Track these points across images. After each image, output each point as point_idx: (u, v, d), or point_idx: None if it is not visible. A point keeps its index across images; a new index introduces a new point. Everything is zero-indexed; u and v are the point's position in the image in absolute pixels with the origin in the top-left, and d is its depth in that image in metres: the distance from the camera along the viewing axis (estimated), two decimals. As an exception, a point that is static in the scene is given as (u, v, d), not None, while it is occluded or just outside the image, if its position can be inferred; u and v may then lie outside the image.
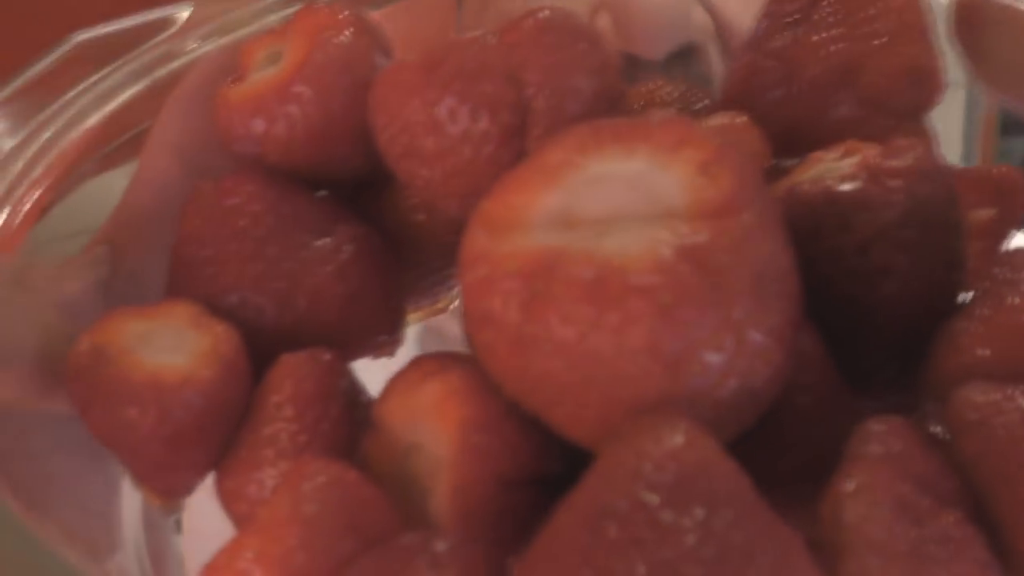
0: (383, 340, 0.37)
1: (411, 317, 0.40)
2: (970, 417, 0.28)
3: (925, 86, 0.36)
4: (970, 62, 0.38)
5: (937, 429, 0.30)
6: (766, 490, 0.26)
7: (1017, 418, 0.27)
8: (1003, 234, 0.36)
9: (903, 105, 0.36)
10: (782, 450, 0.30)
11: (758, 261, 0.26)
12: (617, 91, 0.33)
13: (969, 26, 0.38)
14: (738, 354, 0.25)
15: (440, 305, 0.42)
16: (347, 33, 0.35)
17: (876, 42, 0.36)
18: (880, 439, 0.27)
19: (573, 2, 0.48)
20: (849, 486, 0.26)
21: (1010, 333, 0.29)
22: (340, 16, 0.36)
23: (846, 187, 0.31)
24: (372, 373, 0.34)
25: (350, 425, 0.32)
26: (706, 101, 0.40)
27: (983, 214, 0.35)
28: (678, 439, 0.24)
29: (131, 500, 0.37)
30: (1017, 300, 0.29)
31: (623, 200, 0.27)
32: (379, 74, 0.34)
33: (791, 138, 0.37)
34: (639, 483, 0.23)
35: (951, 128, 0.42)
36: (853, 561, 0.25)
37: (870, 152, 0.32)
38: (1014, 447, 0.26)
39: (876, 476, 0.26)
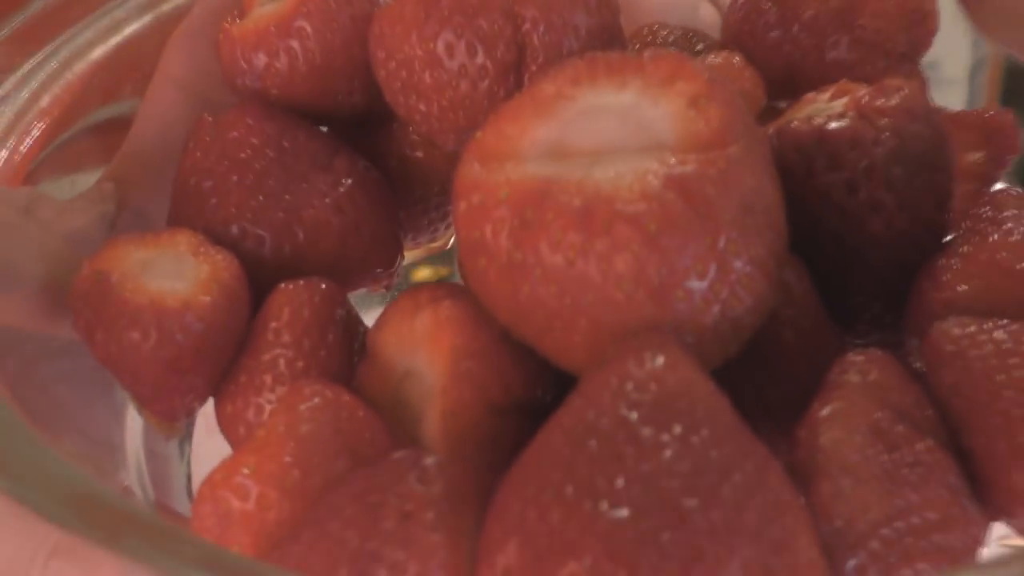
0: (380, 273, 0.37)
1: (410, 253, 0.41)
2: (947, 349, 0.28)
3: (920, 28, 0.36)
4: (966, 8, 0.38)
5: (919, 364, 0.31)
6: (753, 420, 0.27)
7: (991, 350, 0.28)
8: (992, 177, 0.36)
9: (898, 47, 0.36)
10: (768, 381, 0.31)
11: (744, 192, 0.26)
12: (614, 28, 0.33)
13: None
14: (721, 282, 0.26)
15: (438, 242, 0.42)
16: (348, -31, 0.36)
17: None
18: (858, 368, 0.28)
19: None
20: (826, 411, 0.27)
21: (989, 270, 0.30)
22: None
23: (835, 125, 0.31)
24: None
25: (347, 352, 0.33)
26: (703, 43, 0.41)
27: (973, 156, 0.36)
28: (660, 361, 0.24)
29: (134, 430, 0.38)
30: (997, 238, 0.30)
31: (614, 132, 0.27)
32: (379, 9, 0.34)
33: (788, 79, 0.38)
34: (621, 401, 0.24)
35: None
36: (827, 482, 0.26)
37: (860, 92, 0.32)
38: (987, 378, 0.27)
39: (852, 403, 0.27)
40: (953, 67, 0.46)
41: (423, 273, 0.48)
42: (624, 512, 0.22)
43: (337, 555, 0.24)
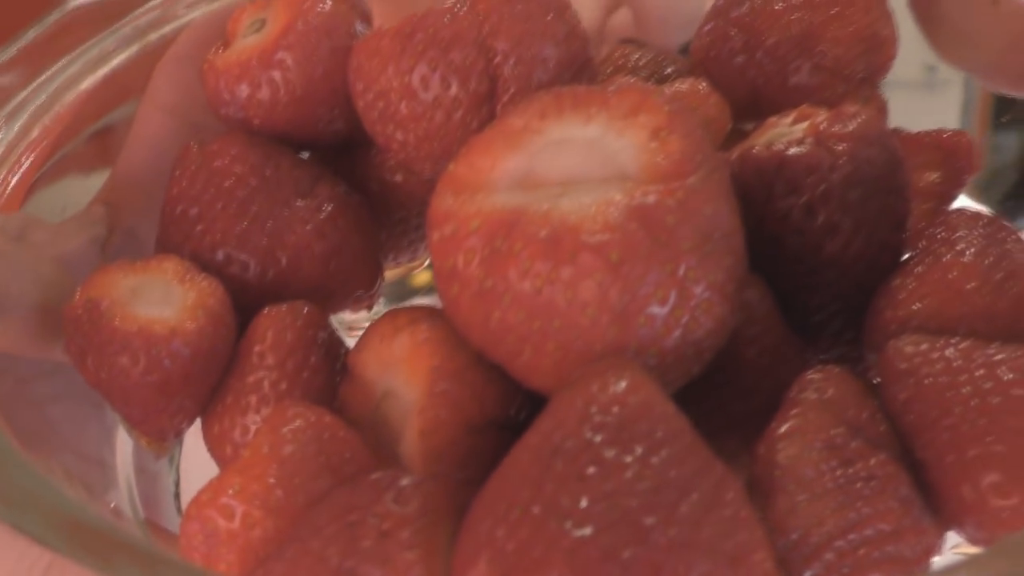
0: (361, 295, 0.39)
1: (390, 273, 0.42)
2: (900, 367, 0.30)
3: (878, 53, 0.37)
4: (923, 30, 0.40)
5: (876, 379, 0.32)
6: (718, 434, 0.28)
7: (942, 368, 0.29)
8: (949, 196, 0.37)
9: (857, 71, 0.37)
10: (732, 397, 0.32)
11: (702, 221, 0.28)
12: (582, 58, 0.35)
13: None
14: (682, 307, 0.27)
15: (417, 262, 0.44)
16: (328, 2, 0.37)
17: (831, 11, 0.37)
18: (816, 386, 0.29)
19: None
20: (783, 428, 0.28)
21: (942, 289, 0.31)
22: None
23: (795, 151, 0.32)
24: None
25: (328, 373, 0.34)
26: (673, 67, 0.42)
27: (930, 176, 0.37)
28: (622, 384, 0.26)
29: (124, 449, 0.39)
30: (950, 258, 0.31)
31: (580, 164, 0.29)
32: (357, 42, 0.36)
33: (752, 102, 0.39)
34: (585, 424, 0.25)
35: (947, 123, 0.43)
36: (783, 497, 0.27)
37: (819, 118, 0.33)
38: (938, 395, 0.29)
39: (809, 420, 0.28)
40: (950, 69, 0.47)
41: (423, 277, 0.49)
42: (588, 530, 0.23)
43: (318, 572, 0.25)
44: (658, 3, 0.47)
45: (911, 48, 0.39)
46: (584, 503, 0.24)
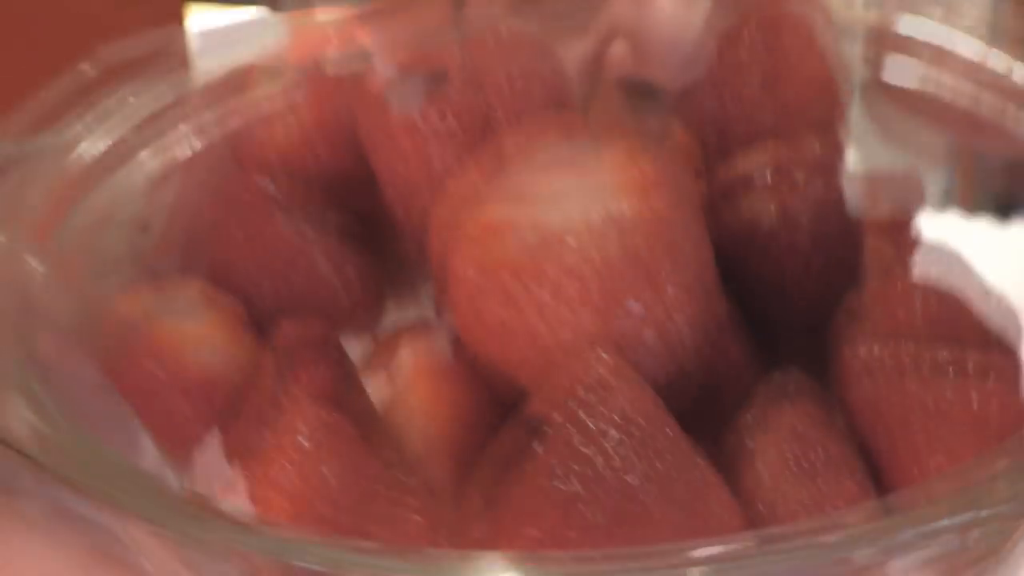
0: (366, 320, 0.42)
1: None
2: (857, 368, 0.33)
3: (835, 97, 0.41)
4: None
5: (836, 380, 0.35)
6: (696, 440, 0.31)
7: (893, 366, 0.32)
8: (900, 223, 0.41)
9: (816, 115, 0.41)
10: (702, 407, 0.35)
11: (673, 229, 0.31)
12: (566, 95, 0.38)
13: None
14: (656, 304, 0.31)
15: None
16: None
17: (792, 58, 0.41)
18: (779, 385, 0.33)
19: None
20: (750, 418, 0.31)
21: (894, 301, 0.34)
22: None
23: (758, 177, 0.36)
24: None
25: (339, 385, 0.37)
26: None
27: (883, 208, 0.41)
28: (603, 368, 0.29)
29: (148, 457, 0.41)
30: (900, 272, 0.35)
31: (564, 180, 0.32)
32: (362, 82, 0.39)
33: (721, 141, 0.43)
34: (571, 400, 0.28)
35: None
36: (750, 475, 0.30)
37: (782, 151, 0.37)
38: (890, 393, 0.32)
39: (773, 411, 0.32)
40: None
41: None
42: (577, 487, 0.26)
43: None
44: (659, 40, 0.49)
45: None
46: (573, 465, 0.27)
